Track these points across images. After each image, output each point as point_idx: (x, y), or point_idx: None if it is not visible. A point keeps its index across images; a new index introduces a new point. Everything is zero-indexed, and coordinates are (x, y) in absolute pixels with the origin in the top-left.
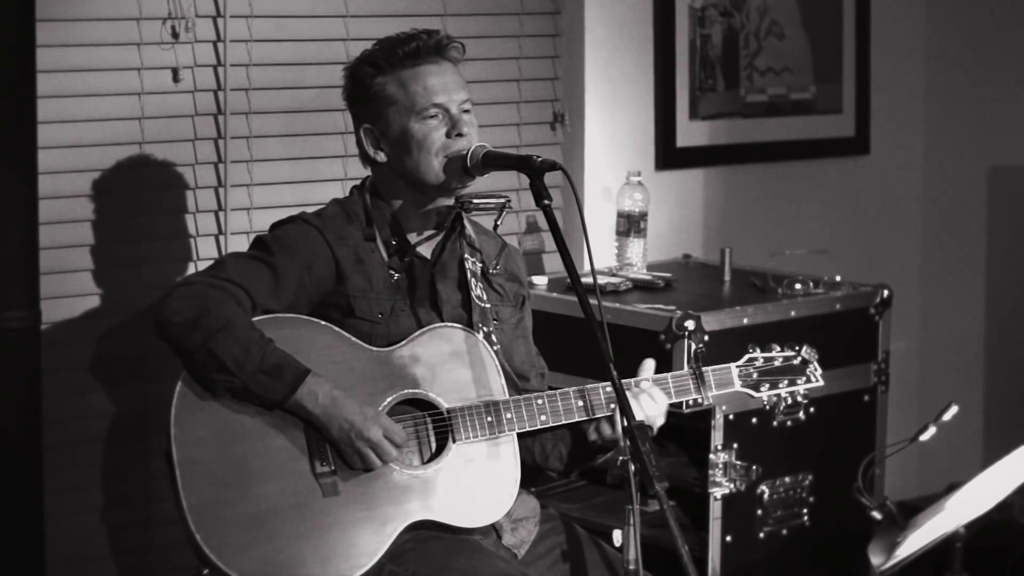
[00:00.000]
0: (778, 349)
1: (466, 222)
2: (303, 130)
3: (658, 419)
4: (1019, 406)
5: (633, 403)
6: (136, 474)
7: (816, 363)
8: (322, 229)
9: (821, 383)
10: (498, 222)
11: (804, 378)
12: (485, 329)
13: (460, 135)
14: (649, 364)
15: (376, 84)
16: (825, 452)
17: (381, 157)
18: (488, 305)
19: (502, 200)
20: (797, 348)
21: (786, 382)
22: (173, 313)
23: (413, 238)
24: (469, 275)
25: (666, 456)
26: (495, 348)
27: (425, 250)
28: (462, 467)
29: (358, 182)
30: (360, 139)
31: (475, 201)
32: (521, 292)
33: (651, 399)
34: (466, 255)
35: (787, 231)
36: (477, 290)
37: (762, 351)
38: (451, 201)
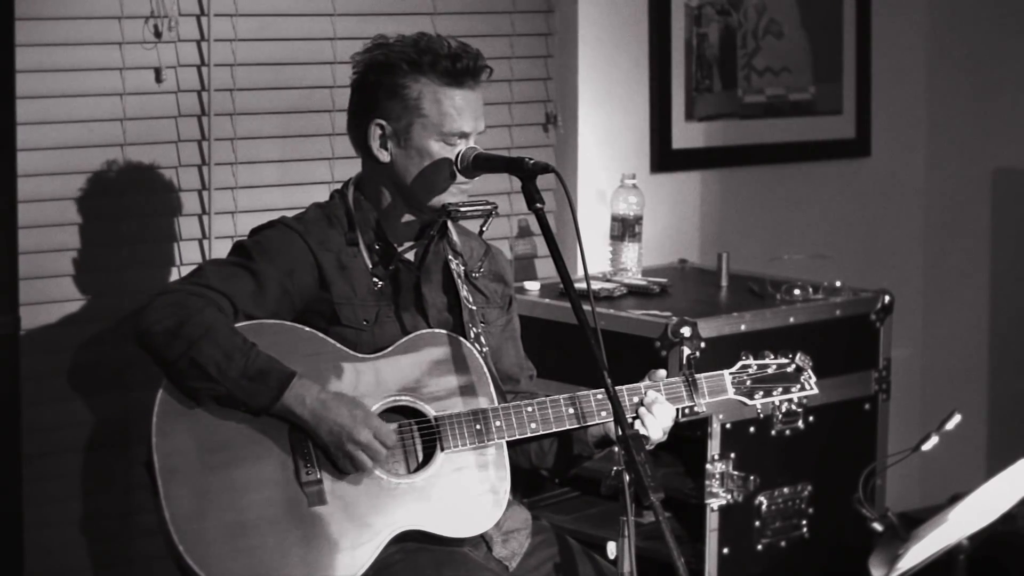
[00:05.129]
0: (772, 356)
1: (450, 225)
2: (289, 132)
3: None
4: (1023, 415)
5: (647, 415)
6: (117, 484)
7: (811, 370)
8: (304, 234)
9: (815, 391)
10: (484, 228)
11: (798, 386)
12: (475, 330)
13: None
14: (660, 373)
15: (410, 86)
16: (825, 462)
17: (385, 157)
18: (475, 307)
19: (489, 207)
20: (791, 355)
21: (780, 389)
22: (153, 323)
23: (400, 247)
24: (455, 276)
25: (661, 466)
26: (484, 351)
27: (409, 253)
28: (450, 476)
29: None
30: (366, 130)
31: (462, 209)
32: (507, 293)
33: (661, 410)
34: (450, 257)
35: (786, 235)
36: (464, 291)
37: (755, 358)
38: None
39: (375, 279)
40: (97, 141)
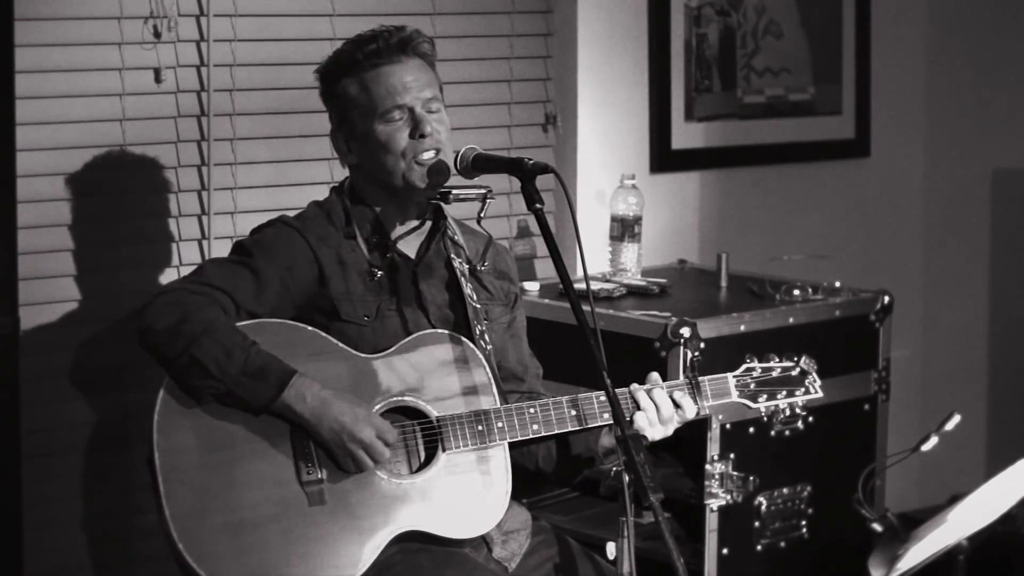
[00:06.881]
0: (776, 360)
1: (450, 220)
2: (288, 132)
3: (670, 424)
4: (1023, 415)
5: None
6: (117, 485)
7: (815, 374)
8: (302, 231)
9: (820, 395)
10: (481, 214)
11: (803, 389)
12: (479, 328)
13: (423, 136)
14: (654, 376)
15: (340, 86)
16: (824, 462)
17: (351, 160)
18: (479, 305)
19: (483, 191)
20: (796, 359)
21: (784, 393)
22: (154, 320)
23: (397, 231)
24: (459, 274)
25: (661, 467)
26: (488, 349)
27: (408, 249)
28: (452, 477)
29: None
30: (334, 143)
31: (455, 192)
32: (512, 290)
33: (659, 396)
34: (452, 255)
35: (785, 236)
36: (468, 289)
37: (760, 361)
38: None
39: (373, 269)
40: (97, 141)
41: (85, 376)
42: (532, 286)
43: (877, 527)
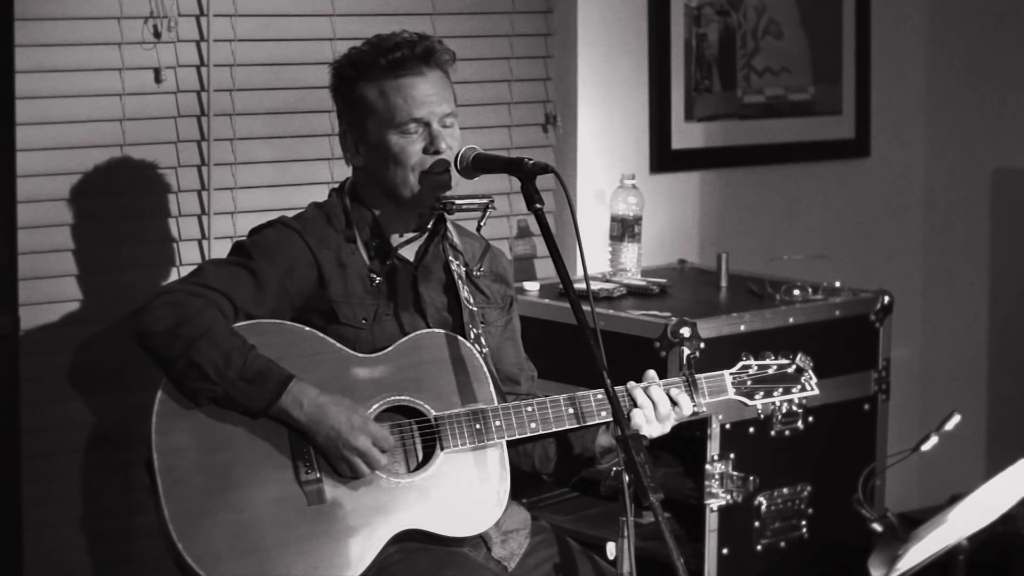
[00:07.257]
0: (773, 357)
1: (449, 224)
2: (288, 132)
3: (668, 421)
4: (1023, 415)
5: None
6: (117, 485)
7: (811, 371)
8: (302, 232)
9: (816, 392)
10: (481, 223)
11: (799, 386)
12: (475, 332)
13: (437, 152)
14: (651, 374)
15: (358, 88)
16: (824, 462)
17: (359, 162)
18: (476, 308)
19: (485, 201)
20: (792, 356)
21: (780, 390)
22: (153, 322)
23: (395, 239)
24: (456, 277)
25: (661, 466)
26: (484, 351)
27: (407, 252)
28: (450, 475)
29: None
30: (342, 139)
31: (457, 202)
32: (508, 293)
33: (656, 393)
34: (450, 258)
35: (785, 236)
36: (465, 292)
37: (756, 359)
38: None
39: (372, 275)
40: (97, 141)
41: (85, 376)
42: (532, 286)
43: (877, 527)
